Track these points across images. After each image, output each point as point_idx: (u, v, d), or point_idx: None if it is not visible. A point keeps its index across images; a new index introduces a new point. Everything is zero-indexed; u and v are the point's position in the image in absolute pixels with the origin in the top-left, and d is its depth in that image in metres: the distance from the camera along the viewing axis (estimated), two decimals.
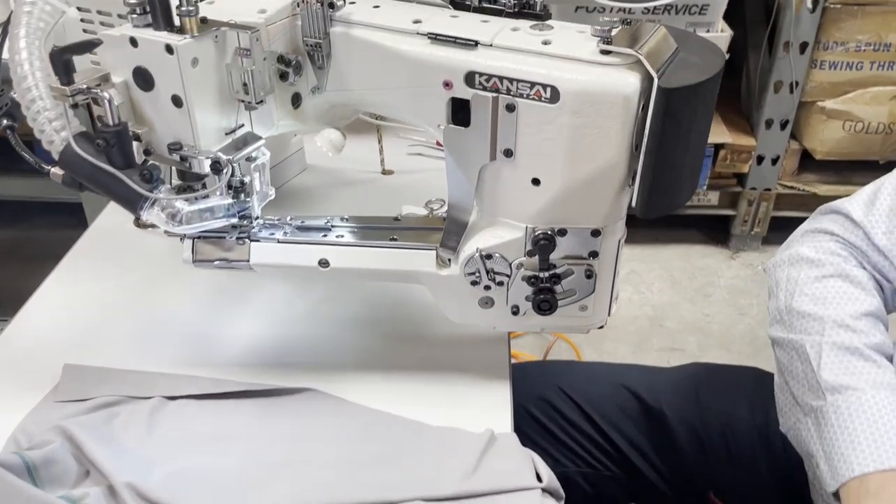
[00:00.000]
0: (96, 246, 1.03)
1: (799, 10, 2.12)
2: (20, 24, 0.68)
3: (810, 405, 0.77)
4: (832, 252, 0.86)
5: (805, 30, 2.14)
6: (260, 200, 0.75)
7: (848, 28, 2.12)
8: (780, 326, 0.84)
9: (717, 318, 2.30)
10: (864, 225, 0.86)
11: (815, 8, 2.09)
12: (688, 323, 2.29)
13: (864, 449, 0.71)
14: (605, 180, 0.65)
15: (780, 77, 2.22)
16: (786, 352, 0.81)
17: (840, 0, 2.07)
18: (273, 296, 0.93)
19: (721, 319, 2.30)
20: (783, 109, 2.27)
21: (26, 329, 0.89)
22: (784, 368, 0.82)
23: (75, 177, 0.67)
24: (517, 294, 0.73)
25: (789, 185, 2.42)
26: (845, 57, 2.17)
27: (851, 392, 0.75)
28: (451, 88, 0.66)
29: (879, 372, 0.76)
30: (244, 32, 0.66)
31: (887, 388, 0.75)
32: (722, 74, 0.63)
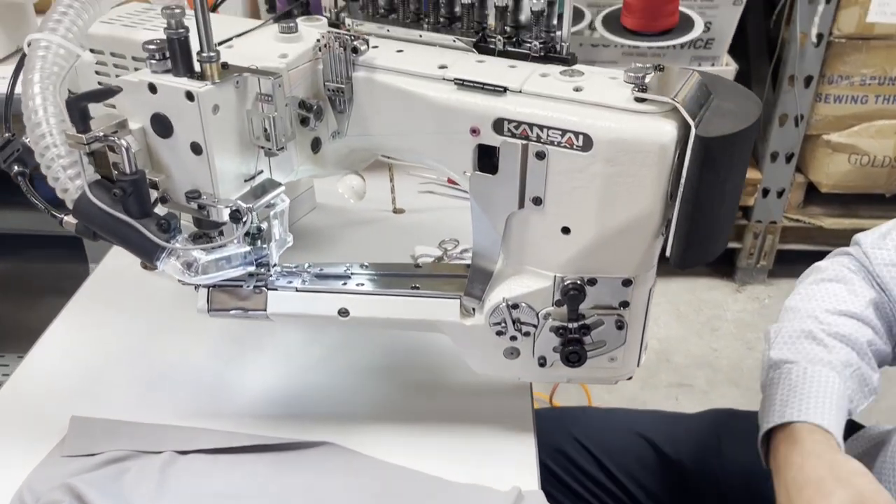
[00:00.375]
0: (102, 288, 1.00)
1: (803, 44, 2.13)
2: (34, 69, 0.66)
3: (761, 384, 0.83)
4: (842, 264, 0.90)
5: (810, 63, 2.14)
6: (278, 248, 0.72)
7: (853, 62, 2.12)
8: (770, 343, 0.87)
9: (724, 353, 2.28)
10: (869, 254, 0.89)
11: (819, 42, 2.10)
12: (695, 357, 2.26)
13: (787, 404, 0.76)
14: (638, 229, 0.63)
15: (786, 110, 2.22)
16: (769, 372, 0.84)
17: (844, 34, 2.07)
18: (287, 341, 0.90)
19: (729, 354, 2.27)
20: (788, 142, 2.27)
21: (31, 376, 0.86)
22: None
23: (89, 226, 0.65)
24: (544, 345, 0.71)
25: (795, 217, 2.41)
26: (850, 91, 2.17)
27: (787, 365, 0.80)
28: (479, 135, 0.64)
29: (824, 352, 0.80)
30: (266, 78, 0.64)
31: (826, 365, 0.78)
32: (759, 121, 0.61)
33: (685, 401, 2.13)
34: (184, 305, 0.96)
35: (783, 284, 2.52)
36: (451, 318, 0.71)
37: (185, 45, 0.62)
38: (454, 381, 0.84)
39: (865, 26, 2.04)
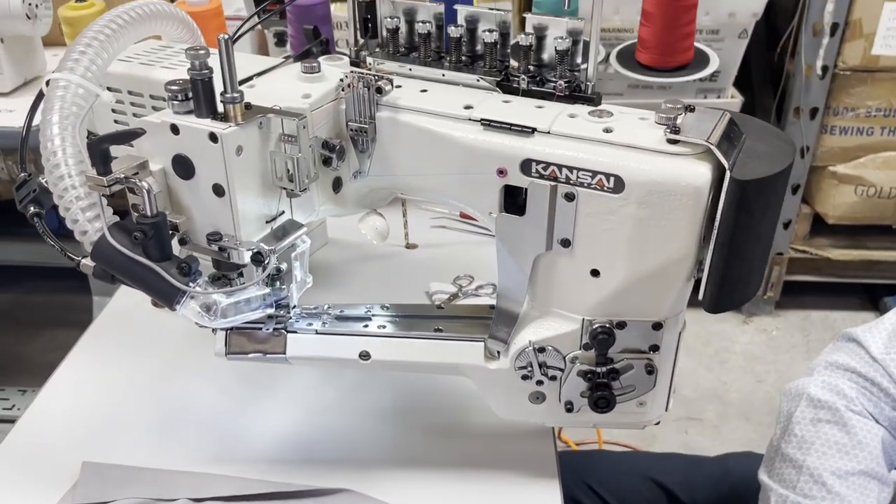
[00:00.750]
0: (113, 327, 0.98)
1: (808, 77, 2.13)
2: (53, 110, 0.65)
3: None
4: (838, 392, 0.81)
5: (815, 96, 2.15)
6: (298, 289, 0.71)
7: (858, 94, 2.12)
8: (765, 467, 0.81)
9: (734, 386, 2.25)
10: (883, 362, 0.82)
11: (824, 74, 2.10)
12: (704, 391, 2.23)
13: None
14: (670, 273, 0.62)
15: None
16: (762, 498, 0.78)
17: (849, 66, 2.08)
18: (302, 382, 0.88)
19: (739, 387, 2.25)
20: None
21: (42, 418, 0.84)
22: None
23: (108, 269, 0.63)
24: (571, 390, 0.69)
25: (801, 249, 2.40)
26: (856, 122, 2.18)
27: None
28: (506, 176, 0.63)
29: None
30: (290, 119, 0.63)
31: None
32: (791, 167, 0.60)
33: (695, 435, 2.10)
34: (196, 344, 0.94)
35: (790, 316, 2.50)
36: (475, 361, 0.70)
37: (208, 86, 0.61)
38: (475, 424, 0.82)
39: (870, 59, 2.05)
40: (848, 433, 0.78)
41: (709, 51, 1.12)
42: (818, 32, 2.08)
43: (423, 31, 0.73)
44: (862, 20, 2.01)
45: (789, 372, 2.29)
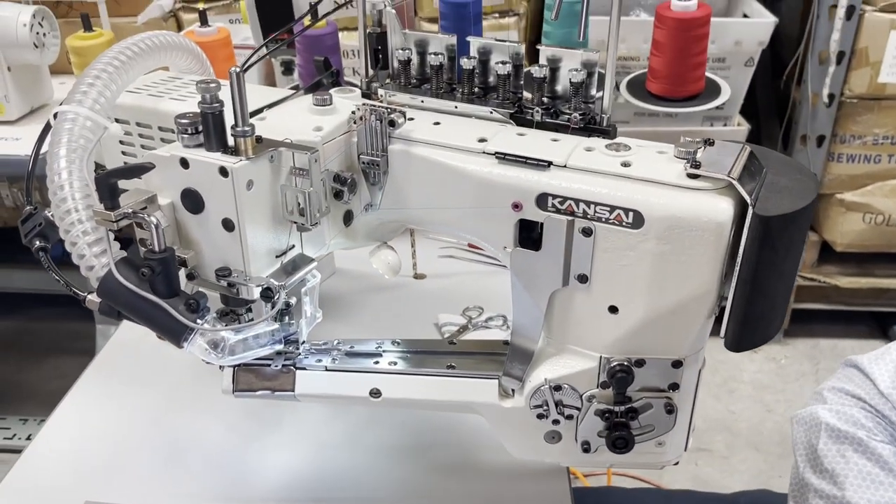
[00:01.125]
0: (118, 359, 0.97)
1: (815, 104, 2.13)
2: (61, 143, 0.64)
3: None
4: (855, 423, 0.79)
5: (822, 123, 2.14)
6: (308, 324, 0.69)
7: (865, 122, 2.12)
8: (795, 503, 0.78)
9: (743, 416, 2.22)
10: (891, 397, 0.79)
11: (831, 102, 2.10)
12: (713, 421, 2.20)
13: None
14: (691, 310, 0.60)
15: None
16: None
17: (856, 94, 2.08)
18: (310, 417, 0.86)
19: (748, 417, 2.21)
20: None
21: (45, 454, 0.82)
22: None
23: (114, 306, 0.62)
24: (588, 429, 0.67)
25: (810, 276, 2.38)
26: (863, 150, 2.17)
27: None
28: (521, 210, 0.62)
29: None
30: (302, 152, 0.62)
31: None
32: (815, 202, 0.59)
33: (705, 466, 2.07)
34: (202, 377, 0.92)
35: (799, 344, 2.47)
36: (489, 399, 0.68)
37: (219, 120, 0.60)
38: (488, 462, 0.80)
39: (877, 86, 2.05)
40: (878, 463, 0.76)
41: (720, 80, 1.11)
42: (824, 61, 2.08)
43: (436, 63, 0.72)
44: (868, 48, 2.01)
45: (798, 401, 2.26)
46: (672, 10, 1.05)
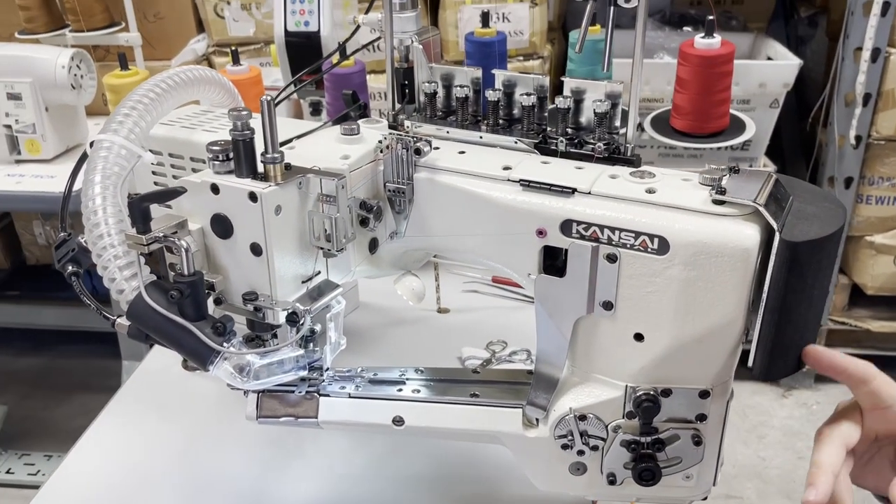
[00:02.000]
0: (145, 389, 0.97)
1: (842, 146, 2.12)
2: (96, 170, 0.66)
3: None
4: None
5: (849, 165, 2.13)
6: (332, 351, 0.69)
7: (893, 163, 2.10)
8: None
9: (774, 462, 2.16)
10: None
11: (858, 144, 2.09)
12: (743, 467, 2.15)
13: None
14: (718, 338, 0.60)
15: None
16: None
17: (883, 136, 2.07)
18: (332, 448, 0.86)
19: (779, 463, 2.16)
20: None
21: (68, 483, 0.82)
22: None
23: (142, 328, 0.63)
24: (614, 461, 0.66)
25: (840, 320, 2.34)
26: (891, 192, 2.15)
27: None
28: (545, 237, 0.62)
29: None
30: (329, 179, 0.63)
31: None
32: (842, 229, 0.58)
33: None
34: (226, 407, 0.93)
35: (831, 390, 2.42)
36: (513, 429, 0.67)
37: (249, 147, 0.61)
38: (512, 495, 0.79)
39: None
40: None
41: (745, 118, 1.12)
42: (850, 102, 2.08)
43: (461, 95, 0.73)
44: (894, 90, 2.01)
45: None
46: (696, 48, 1.06)
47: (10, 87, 1.68)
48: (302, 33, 1.29)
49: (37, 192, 1.65)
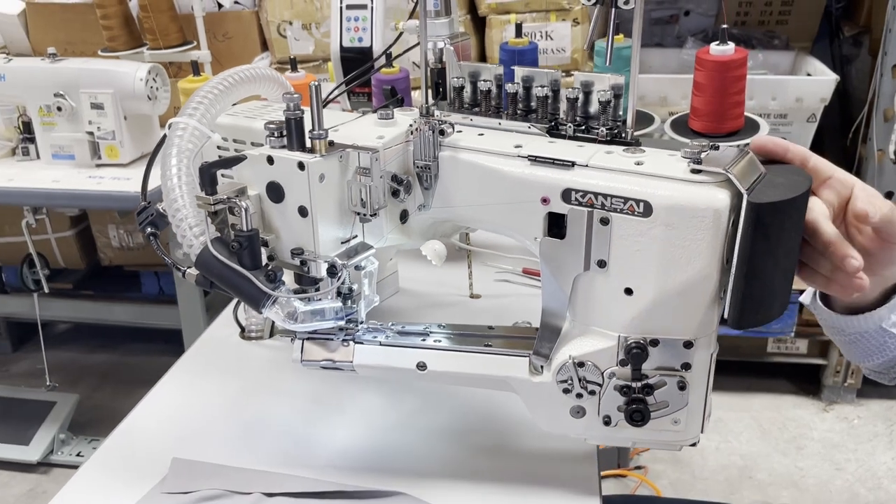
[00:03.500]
0: (206, 353, 1.10)
1: (881, 161, 2.15)
2: (173, 145, 0.78)
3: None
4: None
5: (889, 179, 2.16)
6: (366, 306, 0.80)
7: None
8: None
9: (811, 472, 2.18)
10: None
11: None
12: (780, 476, 2.17)
13: None
14: (696, 291, 0.68)
15: None
16: None
17: None
18: (367, 405, 0.97)
19: (816, 473, 2.17)
20: None
21: (139, 423, 0.95)
22: None
23: (207, 276, 0.75)
24: (609, 404, 0.75)
25: None
26: None
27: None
28: (549, 204, 0.72)
29: None
30: (365, 153, 0.74)
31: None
32: (808, 194, 0.67)
33: None
34: (275, 370, 1.05)
35: (873, 405, 2.42)
36: (521, 375, 0.77)
37: (299, 125, 0.73)
38: (523, 447, 0.88)
39: None
40: None
41: (759, 119, 1.20)
42: (889, 118, 2.12)
43: (484, 89, 0.84)
44: None
45: (870, 461, 2.20)
46: (711, 54, 1.15)
47: (93, 98, 1.86)
48: (356, 48, 1.41)
49: (115, 192, 1.82)
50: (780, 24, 2.56)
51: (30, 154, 1.99)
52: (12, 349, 2.86)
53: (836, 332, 0.86)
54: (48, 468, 2.28)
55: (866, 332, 0.83)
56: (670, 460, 2.23)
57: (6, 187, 1.85)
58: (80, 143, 1.91)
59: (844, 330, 0.84)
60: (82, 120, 1.88)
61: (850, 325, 0.83)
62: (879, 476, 2.15)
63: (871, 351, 0.85)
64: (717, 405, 2.43)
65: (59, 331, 2.98)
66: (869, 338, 0.84)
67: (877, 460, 2.21)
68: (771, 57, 2.36)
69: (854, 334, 0.84)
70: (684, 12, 2.62)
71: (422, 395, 0.97)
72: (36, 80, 1.88)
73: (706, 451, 2.26)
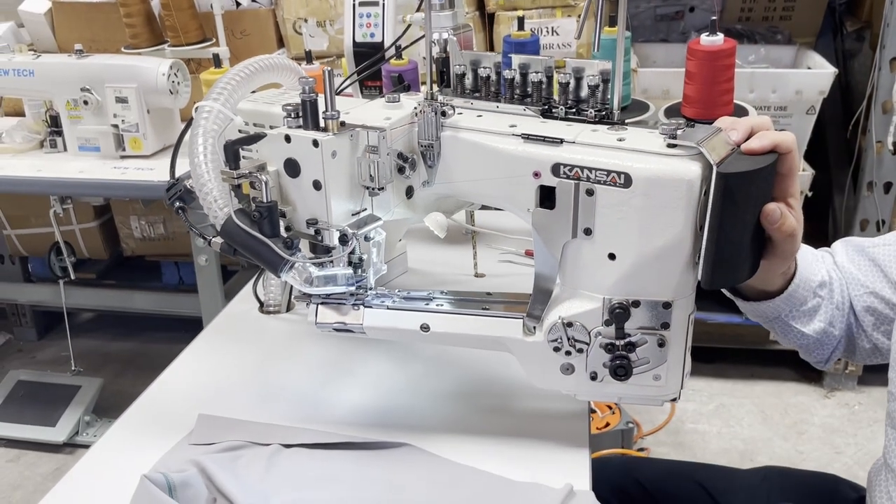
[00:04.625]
0: (228, 325, 1.18)
1: (880, 152, 2.20)
2: (199, 126, 0.86)
3: None
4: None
5: (888, 170, 2.21)
6: (375, 274, 0.88)
7: None
8: None
9: (811, 456, 2.24)
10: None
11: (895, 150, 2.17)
12: (780, 459, 2.23)
13: None
14: (673, 255, 0.75)
15: (866, 216, 2.28)
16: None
17: None
18: (377, 370, 1.04)
19: (816, 457, 2.23)
20: None
21: (166, 388, 1.03)
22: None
23: (231, 243, 0.82)
24: (595, 361, 0.82)
25: None
26: None
27: None
28: (540, 178, 0.79)
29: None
30: (374, 132, 0.82)
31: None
32: (774, 166, 0.74)
33: None
34: (291, 341, 1.13)
35: (874, 392, 2.47)
36: (515, 335, 0.84)
37: (314, 106, 0.81)
38: (520, 406, 0.95)
39: None
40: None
41: (747, 106, 1.26)
42: (888, 110, 2.17)
43: (484, 75, 0.91)
44: None
45: (870, 446, 2.25)
46: (701, 45, 1.21)
47: (118, 92, 1.95)
48: (368, 44, 1.48)
49: (138, 182, 1.91)
50: (784, 19, 2.62)
51: (57, 146, 2.08)
52: (38, 337, 2.96)
53: (755, 316, 0.96)
54: (73, 448, 2.37)
55: (770, 318, 0.93)
56: (672, 443, 2.30)
57: (35, 177, 1.95)
58: (105, 135, 1.99)
59: (758, 315, 0.94)
60: (107, 113, 1.97)
61: (755, 311, 0.93)
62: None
63: (783, 334, 0.95)
64: (720, 391, 2.49)
65: (83, 319, 3.08)
66: (775, 324, 0.93)
67: (876, 444, 2.26)
68: (773, 51, 2.42)
69: (765, 320, 0.94)
70: (689, 8, 2.68)
71: (427, 360, 1.05)
72: (63, 76, 1.97)
73: (708, 435, 2.32)
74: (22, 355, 2.89)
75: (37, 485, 2.26)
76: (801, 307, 0.91)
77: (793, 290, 0.90)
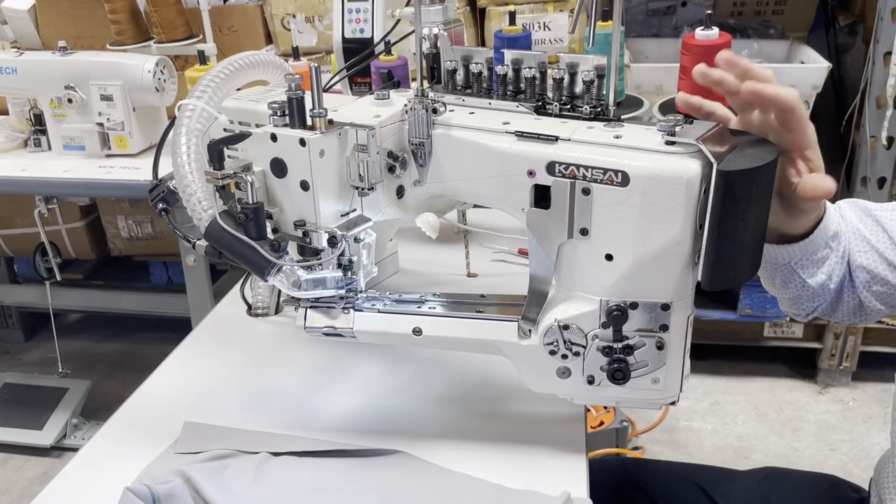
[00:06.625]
0: (216, 328, 1.15)
1: (874, 147, 2.19)
2: (182, 125, 0.84)
3: None
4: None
5: (882, 165, 2.20)
6: (365, 276, 0.85)
7: None
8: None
9: (806, 453, 2.23)
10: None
11: (890, 145, 2.16)
12: (775, 456, 2.22)
13: None
14: (672, 256, 0.73)
15: None
16: None
17: None
18: (367, 374, 1.02)
19: (811, 454, 2.22)
20: None
21: (152, 393, 1.00)
22: None
23: (216, 246, 0.80)
24: (592, 364, 0.79)
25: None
26: None
27: None
28: (534, 176, 0.77)
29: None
30: (363, 130, 0.79)
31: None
32: (776, 163, 0.71)
33: None
34: (280, 344, 1.10)
35: (869, 388, 2.46)
36: (510, 338, 0.81)
37: (301, 104, 0.78)
38: (515, 410, 0.93)
39: None
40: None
41: None
42: (882, 105, 2.16)
43: (476, 71, 0.89)
44: None
45: (865, 442, 2.25)
46: (696, 39, 1.19)
47: (103, 90, 1.92)
48: (357, 39, 1.45)
49: (124, 181, 1.87)
50: (777, 14, 2.60)
51: (41, 145, 2.04)
52: (25, 339, 2.92)
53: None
54: (61, 452, 2.34)
55: (779, 264, 0.90)
56: (667, 441, 2.28)
57: (19, 177, 1.91)
58: (91, 134, 1.96)
59: (767, 259, 0.90)
60: (92, 111, 1.94)
61: (767, 253, 0.89)
62: (873, 456, 2.19)
63: (783, 282, 0.92)
64: (714, 389, 2.48)
65: (70, 320, 3.04)
66: (781, 270, 0.90)
67: (870, 441, 2.26)
68: (766, 46, 2.40)
69: (771, 265, 0.91)
70: (681, 3, 2.66)
71: (419, 364, 1.03)
72: (47, 73, 1.93)
73: (702, 433, 2.31)
74: (8, 357, 2.85)
75: (24, 489, 2.23)
76: (813, 256, 0.89)
77: (814, 237, 0.87)
